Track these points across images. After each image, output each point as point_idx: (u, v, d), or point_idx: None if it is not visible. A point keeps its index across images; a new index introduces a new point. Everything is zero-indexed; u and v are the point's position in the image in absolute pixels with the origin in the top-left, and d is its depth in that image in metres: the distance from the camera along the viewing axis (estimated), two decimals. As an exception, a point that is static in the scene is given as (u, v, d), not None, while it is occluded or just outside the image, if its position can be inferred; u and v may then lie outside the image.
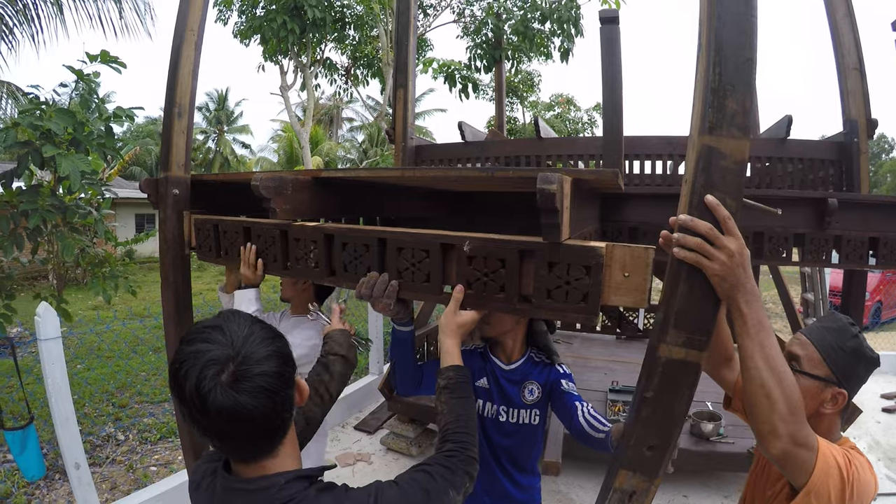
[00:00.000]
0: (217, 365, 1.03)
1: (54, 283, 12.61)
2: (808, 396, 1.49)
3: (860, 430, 5.72)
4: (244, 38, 8.82)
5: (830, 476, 1.31)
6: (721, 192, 1.21)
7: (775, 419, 1.23)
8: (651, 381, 1.31)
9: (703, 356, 1.27)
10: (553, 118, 22.85)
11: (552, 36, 8.77)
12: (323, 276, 1.80)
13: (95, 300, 12.42)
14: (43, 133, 3.39)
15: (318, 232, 1.76)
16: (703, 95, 1.23)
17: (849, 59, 3.56)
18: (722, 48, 1.20)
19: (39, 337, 3.34)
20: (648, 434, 1.32)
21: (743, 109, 1.20)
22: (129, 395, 7.03)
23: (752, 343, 1.23)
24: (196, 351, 1.05)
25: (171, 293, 2.36)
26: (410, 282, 1.60)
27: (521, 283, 1.45)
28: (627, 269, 1.34)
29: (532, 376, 2.23)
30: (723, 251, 1.20)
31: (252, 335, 1.10)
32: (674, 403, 1.29)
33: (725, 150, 1.21)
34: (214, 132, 36.28)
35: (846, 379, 1.49)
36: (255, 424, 1.06)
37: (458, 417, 1.47)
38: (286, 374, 1.12)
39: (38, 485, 4.64)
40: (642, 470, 1.33)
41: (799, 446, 1.27)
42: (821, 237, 2.68)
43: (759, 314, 1.23)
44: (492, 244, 1.45)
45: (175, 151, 2.32)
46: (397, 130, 4.50)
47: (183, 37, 2.34)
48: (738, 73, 1.20)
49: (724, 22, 1.20)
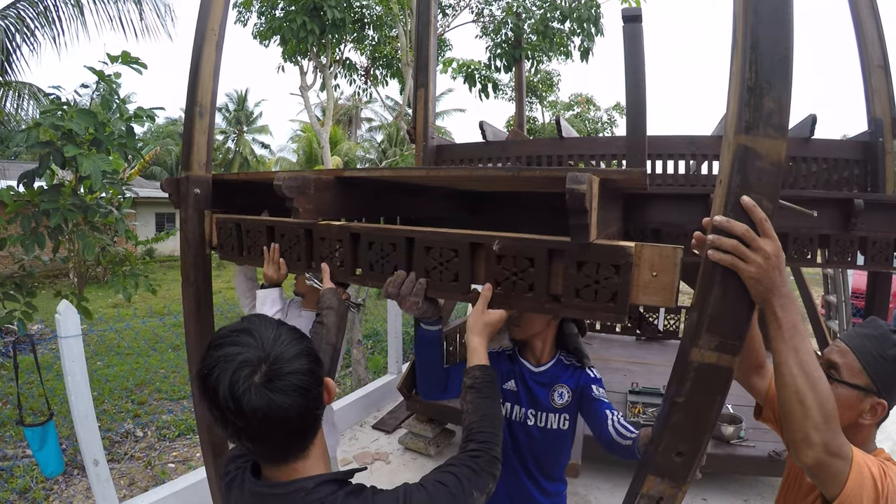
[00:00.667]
0: (250, 366, 1.04)
1: (75, 282, 12.74)
2: (847, 407, 1.45)
3: (883, 435, 5.61)
4: (264, 40, 8.85)
5: (864, 487, 1.27)
6: (757, 193, 1.18)
7: (808, 427, 1.20)
8: (683, 385, 1.28)
9: (735, 361, 1.23)
10: (573, 118, 22.78)
11: (572, 35, 8.71)
12: (348, 274, 1.80)
13: (116, 298, 12.55)
14: (64, 133, 3.43)
15: (344, 231, 1.76)
16: (739, 94, 1.19)
17: (873, 56, 3.50)
18: (758, 45, 1.16)
19: (60, 334, 3.37)
20: (678, 440, 1.29)
21: (780, 108, 1.16)
22: (148, 392, 7.10)
23: (786, 348, 1.20)
24: (226, 354, 1.06)
25: (191, 292, 2.37)
26: (438, 281, 1.59)
27: (549, 283, 1.43)
28: (656, 268, 1.32)
29: (562, 380, 2.19)
30: (759, 253, 1.17)
31: (280, 336, 1.12)
32: (705, 409, 1.26)
33: (762, 151, 1.17)
34: (234, 132, 36.58)
35: (887, 389, 1.44)
36: (290, 424, 1.08)
37: (482, 417, 1.46)
38: (316, 371, 1.13)
39: (57, 480, 4.69)
40: (671, 476, 1.31)
41: (833, 456, 1.23)
42: (846, 238, 2.63)
43: (795, 318, 1.19)
44: (521, 243, 1.44)
45: (196, 151, 2.33)
46: (418, 130, 4.49)
47: (204, 37, 2.34)
48: (774, 70, 1.15)
49: (760, 17, 1.16)
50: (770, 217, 1.18)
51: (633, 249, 1.31)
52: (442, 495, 1.19)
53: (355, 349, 7.29)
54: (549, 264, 1.42)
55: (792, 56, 1.16)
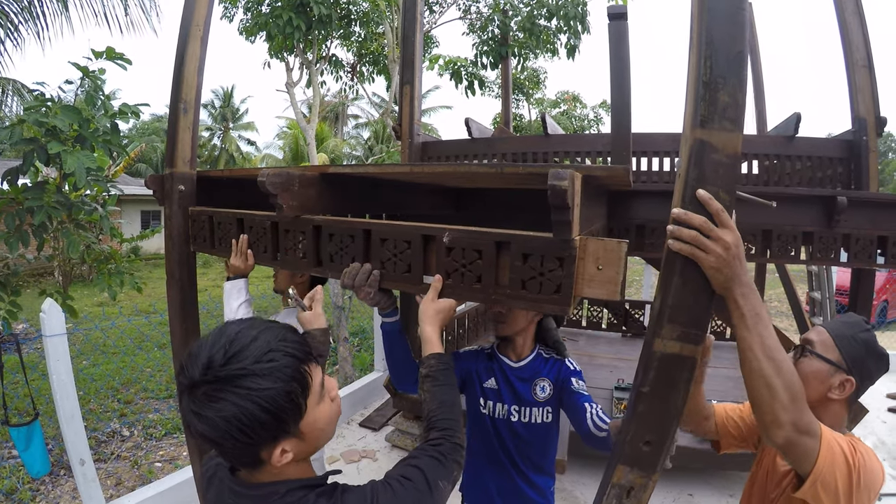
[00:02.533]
0: (189, 380, 1.05)
1: (60, 280, 12.63)
2: (818, 380, 1.57)
3: (866, 430, 5.70)
4: (249, 35, 8.79)
5: (836, 463, 1.33)
6: (714, 185, 1.22)
7: (777, 408, 1.25)
8: (647, 375, 1.31)
9: (698, 350, 1.27)
10: (559, 115, 22.80)
11: (558, 33, 8.74)
12: (310, 266, 1.83)
13: (101, 297, 12.44)
14: (48, 130, 3.39)
15: (307, 223, 1.80)
16: (695, 89, 1.24)
17: (857, 56, 3.53)
18: (713, 42, 1.21)
19: (44, 333, 3.34)
20: (645, 429, 1.32)
21: (735, 102, 1.20)
22: (135, 391, 7.05)
23: (750, 335, 1.24)
24: (188, 357, 1.08)
25: (176, 290, 2.35)
26: (392, 272, 1.64)
27: (497, 275, 1.47)
28: (601, 261, 1.35)
29: (543, 373, 2.21)
30: (718, 243, 1.20)
31: (247, 349, 1.06)
32: (670, 398, 1.30)
33: (717, 144, 1.22)
34: (220, 129, 36.37)
35: (855, 368, 1.55)
36: (236, 442, 1.05)
37: (440, 404, 1.47)
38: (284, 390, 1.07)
39: (44, 481, 4.65)
40: (640, 465, 1.34)
41: (802, 433, 1.29)
42: (829, 235, 2.66)
43: (756, 306, 1.23)
44: (470, 236, 1.48)
45: (181, 147, 2.31)
46: (403, 127, 4.49)
47: (189, 32, 2.32)
48: (729, 66, 1.20)
49: (714, 15, 1.21)
50: (728, 208, 1.21)
51: (576, 242, 1.34)
52: (408, 491, 1.19)
53: (342, 346, 7.28)
54: (496, 257, 1.46)
55: (746, 53, 1.21)
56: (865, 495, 1.36)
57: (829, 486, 1.34)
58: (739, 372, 1.70)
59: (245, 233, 2.05)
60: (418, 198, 2.76)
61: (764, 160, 3.90)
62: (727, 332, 6.88)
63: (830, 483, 1.33)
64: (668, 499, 4.30)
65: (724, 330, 6.93)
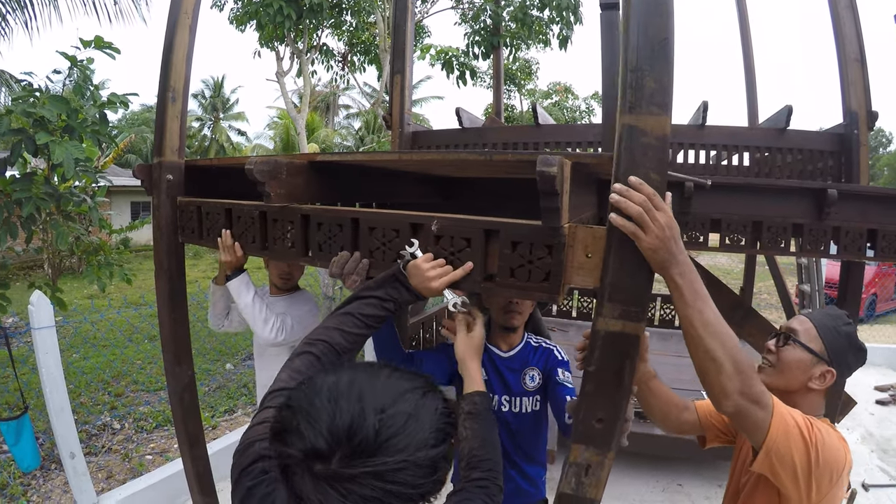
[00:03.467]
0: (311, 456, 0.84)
1: (49, 273, 12.55)
2: (800, 369, 1.59)
3: (854, 422, 5.74)
4: (240, 24, 8.74)
5: (791, 437, 1.34)
6: (644, 167, 1.25)
7: (723, 379, 1.27)
8: (592, 355, 1.34)
9: (640, 328, 1.30)
10: (551, 106, 22.82)
11: (551, 23, 8.73)
12: (299, 255, 1.83)
13: (91, 289, 12.37)
14: (36, 120, 3.35)
15: (295, 212, 1.79)
16: (623, 76, 1.28)
17: (850, 50, 3.52)
18: (639, 31, 1.26)
19: (33, 326, 3.32)
20: (596, 407, 1.34)
21: (661, 87, 1.25)
22: (125, 383, 7.02)
23: (690, 311, 1.25)
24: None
25: (164, 280, 2.33)
26: (381, 261, 1.64)
27: (486, 262, 1.48)
28: (590, 249, 1.36)
29: (532, 362, 2.21)
30: (655, 224, 1.22)
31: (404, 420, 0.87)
32: (617, 376, 1.32)
33: (646, 128, 1.25)
34: (210, 119, 36.08)
35: (837, 359, 1.58)
36: None
37: (483, 442, 1.46)
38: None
39: (35, 475, 4.62)
40: (594, 443, 1.35)
41: (751, 402, 1.30)
42: (819, 228, 2.66)
43: (694, 283, 1.24)
44: (458, 223, 1.48)
45: (169, 136, 2.29)
46: (394, 116, 4.47)
47: (177, 20, 2.29)
48: (655, 53, 1.25)
49: (641, 6, 1.26)
50: (658, 189, 1.24)
51: (565, 230, 1.35)
52: None
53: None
54: (485, 244, 1.46)
55: (672, 39, 1.26)
56: (827, 475, 1.37)
57: (784, 460, 1.35)
58: None
59: (233, 223, 2.03)
60: (407, 187, 2.76)
61: (755, 152, 3.90)
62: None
63: (786, 456, 1.35)
64: (657, 488, 4.33)
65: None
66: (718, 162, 4.04)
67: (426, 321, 5.35)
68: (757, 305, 9.80)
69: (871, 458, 5.07)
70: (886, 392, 6.63)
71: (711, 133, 3.93)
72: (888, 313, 12.39)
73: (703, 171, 3.94)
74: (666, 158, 1.27)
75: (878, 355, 7.74)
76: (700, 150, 3.96)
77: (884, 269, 11.92)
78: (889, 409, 6.31)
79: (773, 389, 1.61)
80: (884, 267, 11.77)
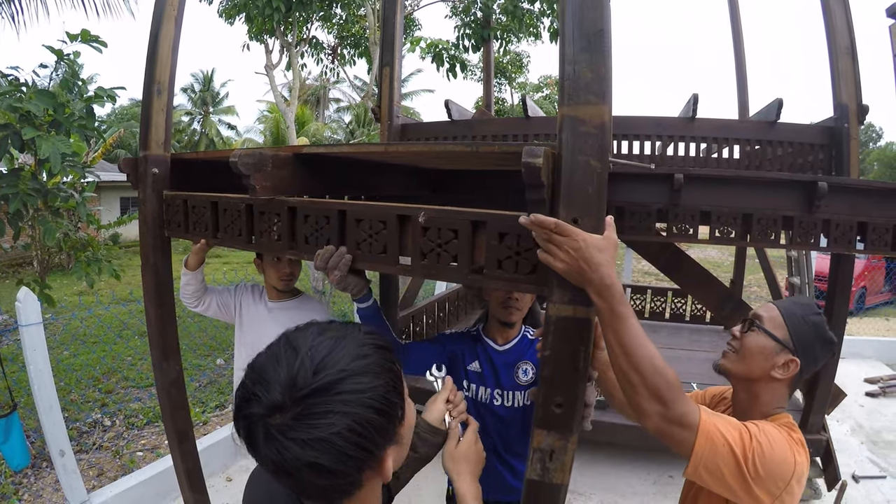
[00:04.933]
0: (262, 406, 0.86)
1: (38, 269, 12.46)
2: (763, 356, 1.56)
3: (843, 414, 5.78)
4: (229, 17, 8.68)
5: (718, 454, 1.33)
6: (585, 156, 1.28)
7: (640, 400, 1.29)
8: (547, 340, 1.35)
9: (591, 312, 1.32)
10: (542, 99, 22.79)
11: (541, 16, 8.71)
12: (285, 248, 1.82)
13: (80, 285, 12.28)
14: (23, 115, 3.32)
15: (282, 205, 1.78)
16: (561, 68, 1.32)
17: (841, 42, 3.52)
18: (574, 23, 1.29)
19: (20, 323, 3.29)
20: (553, 392, 1.36)
21: (598, 77, 1.28)
22: (115, 380, 6.98)
23: (607, 332, 1.28)
24: (249, 378, 0.90)
25: (151, 275, 2.31)
26: (368, 253, 1.63)
27: (473, 254, 1.47)
28: None
29: (527, 356, 2.20)
30: (561, 251, 1.25)
31: (336, 355, 0.89)
32: (571, 360, 1.34)
33: (584, 117, 1.29)
34: (200, 113, 35.88)
35: (802, 349, 1.54)
36: (313, 476, 0.85)
37: None
38: (370, 427, 0.88)
39: (26, 473, 4.59)
40: (556, 428, 1.37)
41: (672, 424, 1.31)
42: (810, 220, 2.66)
43: (612, 303, 1.25)
44: (445, 215, 1.48)
45: (154, 130, 2.26)
46: (383, 109, 4.45)
47: (163, 11, 2.26)
48: (590, 44, 1.29)
49: (575, 0, 1.30)
50: (599, 175, 1.28)
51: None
52: None
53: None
54: (472, 236, 1.46)
55: (608, 30, 1.29)
56: (772, 484, 1.34)
57: (715, 474, 1.34)
58: (718, 355, 1.71)
59: (219, 216, 2.01)
60: (395, 180, 2.75)
61: (745, 145, 3.91)
62: (707, 315, 6.94)
63: (715, 471, 1.34)
64: (648, 480, 4.34)
65: (703, 314, 6.99)
66: (709, 155, 4.05)
67: (416, 314, 5.35)
68: (747, 298, 9.85)
69: (860, 449, 5.10)
70: (876, 384, 6.67)
71: (702, 126, 3.94)
72: (878, 306, 12.45)
73: (693, 163, 3.95)
74: (607, 146, 1.29)
75: (867, 348, 7.81)
76: (690, 143, 3.97)
77: (873, 262, 11.98)
78: (878, 401, 6.36)
79: (735, 376, 1.64)
80: (873, 260, 11.82)
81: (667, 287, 7.28)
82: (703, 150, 4.02)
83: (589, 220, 1.28)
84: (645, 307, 7.29)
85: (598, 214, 1.29)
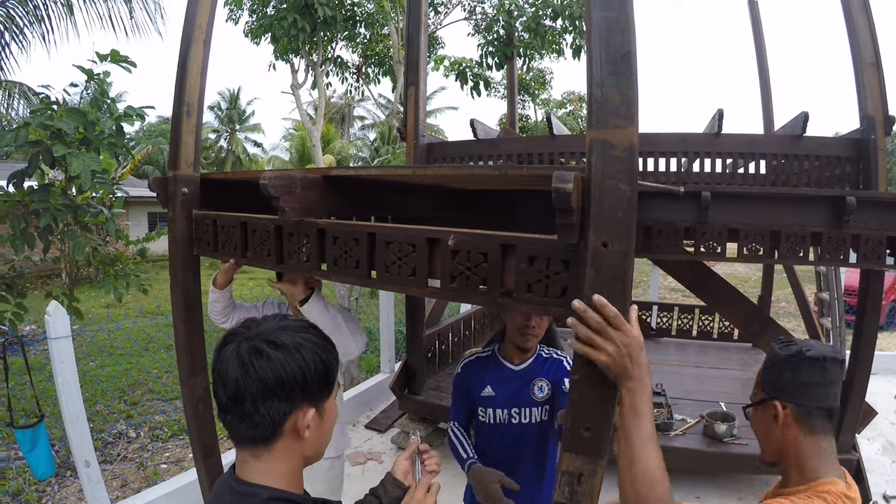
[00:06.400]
0: (239, 338, 1.14)
1: (66, 282, 12.68)
2: (763, 426, 1.49)
3: (874, 432, 5.64)
4: (255, 37, 8.82)
5: None
6: (613, 179, 1.28)
7: (628, 495, 1.27)
8: (577, 363, 1.34)
9: None
10: (565, 115, 22.77)
11: (564, 33, 8.73)
12: (314, 269, 1.83)
13: (108, 298, 12.44)
14: (53, 133, 3.39)
15: (311, 226, 1.79)
16: (589, 91, 1.32)
17: (865, 54, 3.49)
18: (602, 47, 1.30)
19: (49, 335, 3.35)
20: (583, 416, 1.35)
21: (626, 101, 1.28)
22: (141, 392, 7.07)
23: (621, 426, 1.28)
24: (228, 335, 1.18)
25: (179, 292, 2.34)
26: (397, 275, 1.62)
27: (503, 278, 1.47)
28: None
29: (542, 373, 2.23)
30: (610, 343, 1.24)
31: (285, 326, 1.17)
32: (600, 384, 1.33)
33: (613, 141, 1.29)
34: (226, 131, 36.44)
35: (780, 390, 1.44)
36: (260, 395, 1.10)
37: None
38: (300, 375, 1.13)
39: (50, 482, 4.66)
40: (584, 451, 1.36)
41: None
42: (838, 236, 2.62)
43: (637, 401, 1.26)
44: (475, 238, 1.47)
45: (184, 150, 2.30)
46: (409, 128, 4.48)
47: (192, 35, 2.31)
48: (617, 67, 1.29)
49: (601, 23, 1.31)
50: (629, 198, 1.27)
51: (582, 245, 1.34)
52: None
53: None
54: (502, 259, 1.45)
55: (634, 53, 1.30)
56: None
57: None
58: (747, 374, 1.68)
59: (248, 236, 2.03)
60: (422, 199, 2.76)
61: (771, 160, 3.87)
62: (734, 333, 6.85)
63: None
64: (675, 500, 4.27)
65: (731, 331, 6.89)
66: (735, 170, 4.01)
67: (442, 332, 5.34)
68: (775, 314, 9.71)
69: (892, 468, 4.98)
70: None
71: (727, 141, 3.90)
72: (908, 321, 12.19)
73: (719, 179, 3.92)
74: (635, 169, 1.29)
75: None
76: (716, 159, 3.93)
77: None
78: (911, 419, 6.20)
79: (770, 458, 1.51)
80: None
81: (694, 304, 7.19)
82: (729, 166, 3.99)
83: (619, 244, 1.27)
84: (672, 325, 7.20)
85: (628, 238, 1.28)
